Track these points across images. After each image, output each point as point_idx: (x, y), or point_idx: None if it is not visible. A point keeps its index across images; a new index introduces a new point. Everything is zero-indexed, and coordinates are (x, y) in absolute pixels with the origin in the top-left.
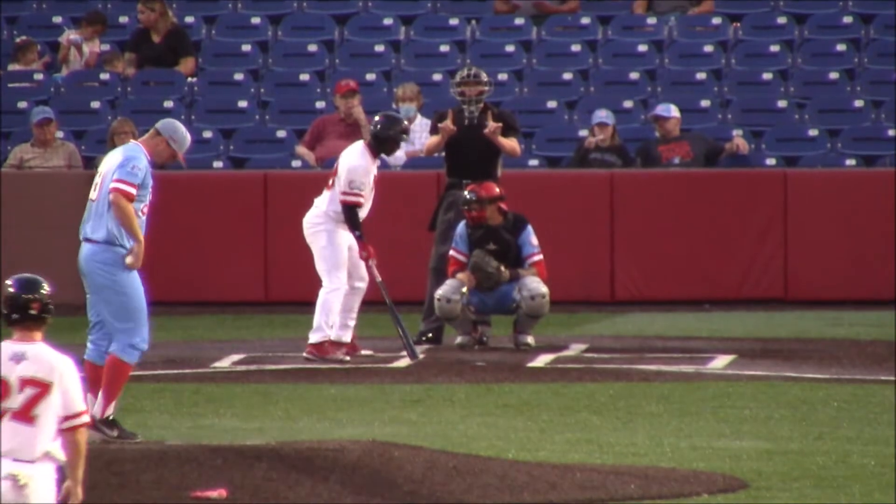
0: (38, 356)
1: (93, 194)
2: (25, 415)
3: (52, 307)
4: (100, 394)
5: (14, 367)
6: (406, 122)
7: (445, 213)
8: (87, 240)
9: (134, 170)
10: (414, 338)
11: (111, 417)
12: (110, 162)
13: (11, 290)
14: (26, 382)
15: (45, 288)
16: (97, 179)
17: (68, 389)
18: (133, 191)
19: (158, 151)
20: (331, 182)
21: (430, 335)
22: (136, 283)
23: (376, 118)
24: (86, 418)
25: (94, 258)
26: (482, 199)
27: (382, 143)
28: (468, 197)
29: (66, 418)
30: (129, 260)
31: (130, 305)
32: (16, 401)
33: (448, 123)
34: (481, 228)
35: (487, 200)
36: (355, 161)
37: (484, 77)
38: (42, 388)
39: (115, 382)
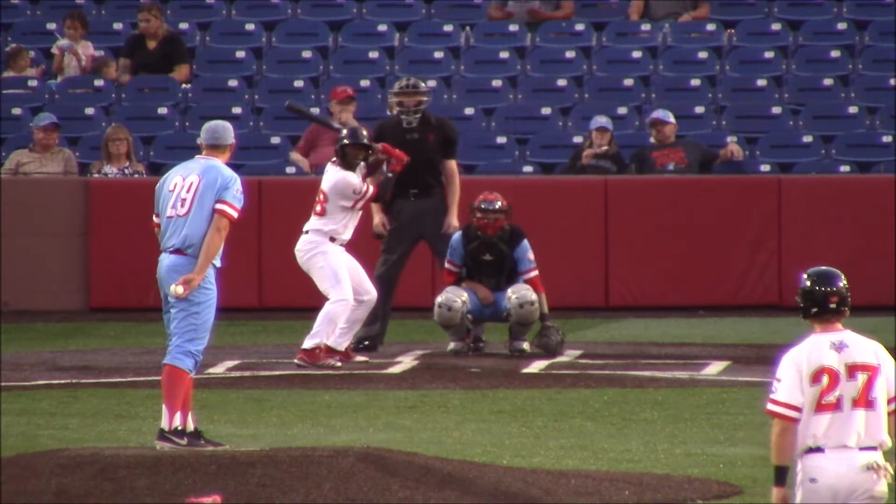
0: (855, 343)
1: (180, 210)
2: (864, 400)
3: (848, 299)
4: (163, 406)
5: (837, 355)
6: (364, 132)
7: (392, 223)
8: (178, 251)
9: (238, 193)
10: (351, 345)
11: (179, 427)
12: (197, 178)
13: (809, 283)
14: (855, 368)
15: (843, 281)
16: (182, 193)
17: (891, 370)
18: (236, 215)
19: (226, 158)
20: (318, 208)
21: (367, 343)
22: (212, 300)
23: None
24: None
25: (180, 269)
26: (505, 210)
27: (342, 158)
28: (486, 207)
29: (892, 400)
30: (179, 290)
31: (199, 321)
32: (851, 388)
33: (379, 225)
34: (477, 239)
35: (505, 210)
36: (334, 178)
37: (422, 87)
38: (871, 371)
39: (173, 392)
